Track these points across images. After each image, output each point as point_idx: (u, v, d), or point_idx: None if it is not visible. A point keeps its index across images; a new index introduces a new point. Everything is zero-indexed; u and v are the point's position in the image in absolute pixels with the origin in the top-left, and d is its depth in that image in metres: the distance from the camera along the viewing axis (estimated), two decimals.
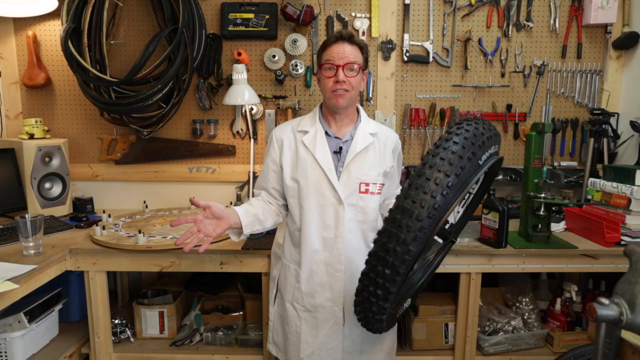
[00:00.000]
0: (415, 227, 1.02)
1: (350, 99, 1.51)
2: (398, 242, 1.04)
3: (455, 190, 1.04)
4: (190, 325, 2.16)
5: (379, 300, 1.13)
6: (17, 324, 1.79)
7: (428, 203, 1.02)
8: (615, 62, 2.43)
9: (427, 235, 1.04)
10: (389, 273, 1.07)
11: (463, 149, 1.06)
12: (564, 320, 2.13)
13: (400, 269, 1.05)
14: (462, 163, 1.04)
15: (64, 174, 2.33)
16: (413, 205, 1.03)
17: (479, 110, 2.47)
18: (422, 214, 1.02)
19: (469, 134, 1.09)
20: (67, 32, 2.13)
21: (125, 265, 1.87)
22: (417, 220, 1.02)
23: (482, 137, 1.11)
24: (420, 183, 1.04)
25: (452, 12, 2.40)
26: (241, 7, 2.34)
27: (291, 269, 1.60)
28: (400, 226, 1.04)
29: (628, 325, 0.88)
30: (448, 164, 1.03)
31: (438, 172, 1.03)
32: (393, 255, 1.05)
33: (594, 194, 2.04)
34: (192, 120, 2.49)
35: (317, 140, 1.54)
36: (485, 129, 1.15)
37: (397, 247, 1.04)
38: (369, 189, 1.52)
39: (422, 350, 2.06)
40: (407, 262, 1.05)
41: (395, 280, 1.07)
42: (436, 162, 1.05)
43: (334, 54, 1.48)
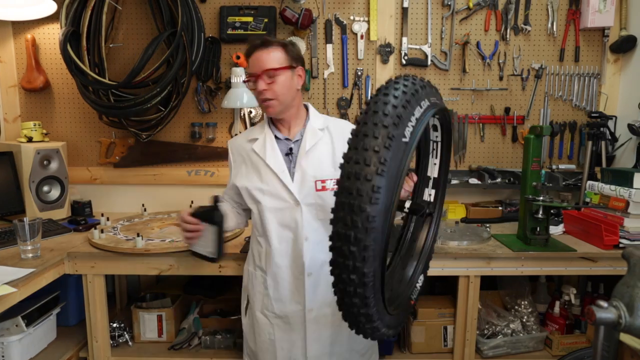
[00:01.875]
0: (367, 189, 0.90)
1: (282, 105, 1.49)
2: (353, 210, 0.92)
3: (397, 142, 0.94)
4: (188, 329, 2.15)
5: (357, 288, 1.00)
6: (15, 327, 1.78)
7: (373, 159, 0.91)
8: (612, 65, 2.44)
9: (384, 196, 0.91)
10: (355, 250, 0.94)
11: (395, 98, 0.98)
12: (562, 323, 2.12)
13: (367, 242, 0.92)
14: (397, 112, 0.96)
15: (62, 177, 2.32)
16: (357, 167, 0.92)
17: (477, 113, 2.48)
18: (370, 172, 0.91)
19: (399, 86, 1.01)
20: (66, 36, 2.14)
21: (123, 269, 1.87)
22: (366, 181, 0.90)
23: (414, 87, 1.03)
24: (359, 141, 0.94)
25: (450, 16, 2.41)
26: (240, 11, 2.35)
27: (258, 276, 1.59)
28: (350, 193, 0.92)
29: (626, 328, 0.88)
30: (383, 114, 0.95)
31: (374, 126, 0.94)
32: (353, 228, 0.93)
33: (592, 196, 2.05)
34: (191, 124, 2.49)
35: (266, 145, 1.53)
36: (416, 80, 1.07)
37: (354, 217, 0.92)
38: (325, 186, 1.48)
39: (420, 353, 2.05)
40: (371, 232, 0.91)
41: (366, 258, 0.94)
42: (370, 117, 0.96)
43: (251, 65, 1.48)
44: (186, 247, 1.82)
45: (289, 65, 1.48)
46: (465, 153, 2.51)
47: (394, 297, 1.27)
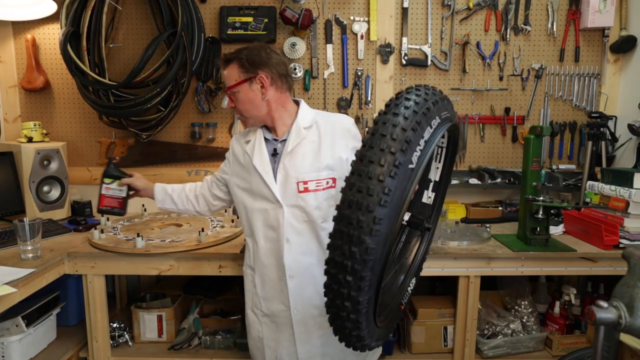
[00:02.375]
0: (369, 220, 0.88)
1: (251, 118, 1.51)
2: (352, 241, 0.90)
3: (405, 168, 0.90)
4: (188, 329, 2.15)
5: (350, 314, 0.97)
6: (15, 328, 1.78)
7: (376, 189, 0.88)
8: (612, 65, 2.44)
9: (385, 226, 0.89)
10: (351, 280, 0.92)
11: (405, 120, 0.93)
12: (562, 323, 2.12)
13: (364, 273, 0.91)
14: (406, 136, 0.91)
15: (62, 177, 2.32)
16: (359, 195, 0.89)
17: (477, 113, 2.48)
18: (372, 202, 0.88)
19: (410, 103, 0.96)
20: (66, 36, 2.14)
21: (123, 269, 1.87)
22: (368, 212, 0.88)
23: (426, 104, 0.98)
24: (364, 168, 0.90)
25: (450, 16, 2.41)
26: (240, 11, 2.35)
27: (248, 275, 1.62)
28: (350, 223, 0.90)
29: (627, 328, 0.88)
30: (391, 139, 0.90)
31: (381, 152, 0.90)
32: (351, 259, 0.90)
33: (592, 197, 2.05)
34: (191, 124, 2.49)
35: (255, 146, 1.54)
36: (429, 94, 1.02)
37: (352, 248, 0.90)
38: (307, 187, 1.46)
39: (421, 353, 2.05)
40: (369, 263, 0.90)
41: (362, 288, 0.92)
42: (377, 141, 0.92)
43: (226, 81, 1.51)
44: (187, 247, 1.82)
45: (244, 78, 1.45)
46: (466, 153, 2.51)
47: (383, 308, 1.23)
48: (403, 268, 1.38)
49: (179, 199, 1.77)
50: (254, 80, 1.46)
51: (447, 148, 1.37)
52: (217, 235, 1.94)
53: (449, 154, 1.38)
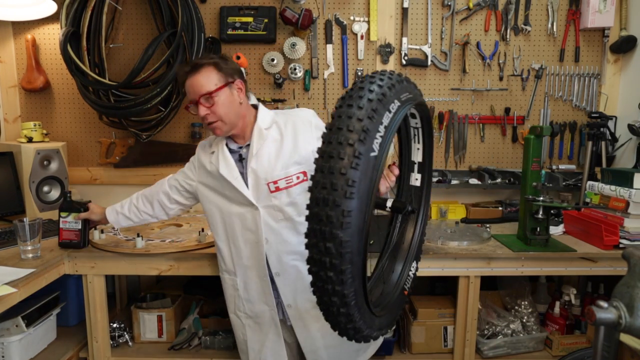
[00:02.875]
0: (337, 214, 0.88)
1: (228, 124, 1.48)
2: (325, 237, 0.90)
3: (367, 157, 0.91)
4: (188, 329, 2.15)
5: (340, 308, 0.97)
6: (15, 328, 1.78)
7: (340, 183, 0.88)
8: (612, 65, 2.44)
9: (356, 217, 0.89)
10: (332, 275, 0.92)
11: (360, 109, 0.93)
12: (562, 323, 2.12)
13: (343, 266, 0.91)
14: (363, 125, 0.91)
15: (62, 177, 2.32)
16: (325, 192, 0.89)
17: (477, 113, 2.48)
18: (338, 196, 0.88)
19: (364, 92, 0.96)
20: (66, 36, 2.14)
21: (123, 269, 1.87)
22: (335, 207, 0.88)
23: (382, 90, 0.98)
24: (325, 164, 0.91)
25: (450, 16, 2.41)
26: (240, 11, 2.35)
27: (227, 280, 1.63)
28: (321, 220, 0.90)
29: (627, 328, 0.88)
30: (347, 131, 0.91)
31: (340, 145, 0.90)
32: (328, 255, 0.90)
33: (593, 197, 2.05)
34: (191, 124, 2.48)
35: (219, 156, 1.53)
36: (384, 80, 1.01)
37: (327, 244, 0.90)
38: (278, 186, 1.46)
39: (421, 353, 2.05)
40: (346, 256, 0.90)
41: (344, 281, 0.92)
42: (334, 135, 0.92)
43: (187, 92, 1.46)
44: (187, 247, 1.82)
45: (224, 83, 1.45)
46: (466, 153, 2.51)
47: (384, 298, 1.24)
48: (400, 255, 1.38)
49: (130, 213, 1.76)
50: (232, 85, 1.47)
51: (422, 128, 1.36)
52: None
53: (425, 133, 1.38)
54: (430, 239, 1.96)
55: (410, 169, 1.44)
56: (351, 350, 1.60)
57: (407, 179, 1.44)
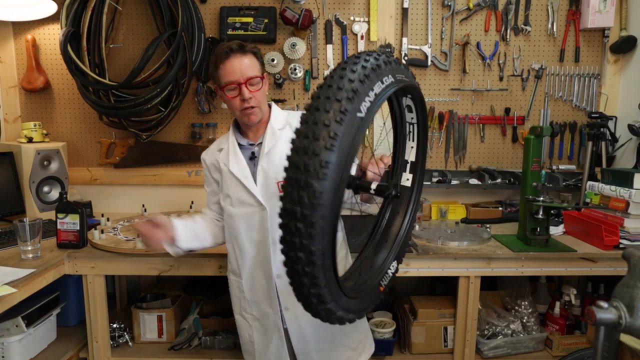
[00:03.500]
0: (315, 164, 0.88)
1: (261, 112, 1.50)
2: (300, 186, 0.89)
3: (352, 116, 0.92)
4: (188, 329, 2.15)
5: (305, 266, 0.95)
6: (15, 328, 1.78)
7: (322, 133, 0.89)
8: (612, 65, 2.44)
9: (333, 171, 0.88)
10: (302, 227, 0.90)
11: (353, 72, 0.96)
12: (563, 323, 2.12)
13: (314, 219, 0.89)
14: (353, 86, 0.94)
15: (62, 177, 2.32)
16: (306, 141, 0.90)
17: (477, 113, 2.48)
18: (318, 146, 0.88)
19: (359, 60, 0.99)
20: (67, 36, 2.14)
21: (123, 269, 1.87)
22: (314, 155, 0.88)
23: (377, 62, 1.01)
24: (310, 116, 0.93)
25: (450, 16, 2.41)
26: (240, 11, 2.35)
27: (233, 281, 1.63)
28: (298, 168, 0.89)
29: (627, 328, 0.88)
30: (337, 88, 0.93)
31: (327, 100, 0.93)
32: (300, 204, 0.89)
33: (593, 197, 2.05)
34: (191, 124, 2.49)
35: (229, 153, 1.53)
36: (380, 56, 1.04)
37: (301, 193, 0.89)
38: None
39: (421, 354, 2.05)
40: (317, 208, 0.89)
41: (313, 235, 0.90)
42: (324, 91, 0.95)
43: (232, 72, 1.42)
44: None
45: (262, 73, 1.49)
46: (466, 153, 2.51)
47: (361, 283, 1.24)
48: (384, 247, 1.38)
49: (202, 231, 1.62)
50: (265, 78, 1.51)
51: (418, 123, 1.36)
52: None
53: (420, 129, 1.38)
54: (431, 239, 1.96)
55: (403, 169, 1.44)
56: (343, 356, 1.59)
57: (399, 179, 1.45)
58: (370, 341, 1.71)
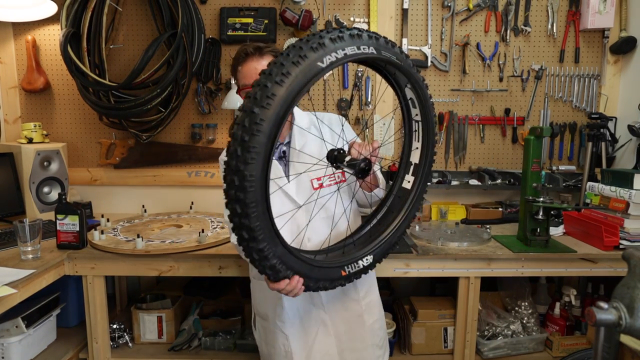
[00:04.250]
0: (263, 93, 0.98)
1: None
2: (246, 112, 0.98)
3: (309, 63, 1.01)
4: (188, 330, 2.15)
5: (237, 191, 1.00)
6: (15, 329, 1.78)
7: (275, 69, 1.00)
8: (612, 66, 2.44)
9: (276, 104, 0.98)
10: (239, 151, 0.98)
11: (328, 33, 1.06)
12: (563, 324, 2.12)
13: (251, 143, 0.97)
14: (322, 41, 1.04)
15: (62, 178, 2.32)
16: (263, 76, 1.01)
17: (477, 114, 2.48)
18: (269, 80, 0.99)
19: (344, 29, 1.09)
20: (67, 37, 2.14)
21: (123, 270, 1.87)
22: (264, 87, 0.99)
23: (360, 32, 1.10)
24: (276, 59, 1.02)
25: (450, 17, 2.41)
26: (240, 12, 2.35)
27: (265, 288, 1.49)
28: (249, 97, 0.99)
29: (627, 329, 0.88)
30: (306, 40, 1.03)
31: (293, 47, 1.03)
32: (242, 128, 0.98)
33: (593, 198, 2.05)
34: (191, 125, 2.49)
35: None
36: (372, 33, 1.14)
37: (245, 119, 0.98)
38: (322, 183, 1.46)
39: (421, 354, 2.05)
40: (256, 134, 0.97)
41: (247, 161, 0.98)
42: (299, 41, 1.05)
43: (249, 75, 1.42)
44: (187, 248, 1.82)
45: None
46: (465, 154, 2.51)
47: (327, 261, 1.30)
48: (365, 243, 1.42)
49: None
50: None
51: (422, 121, 1.36)
52: (217, 236, 1.94)
53: (425, 129, 1.38)
54: (431, 240, 1.96)
55: (406, 170, 1.44)
56: (374, 355, 1.57)
57: (401, 180, 1.45)
58: (387, 338, 1.70)
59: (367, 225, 1.47)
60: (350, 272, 1.35)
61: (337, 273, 1.32)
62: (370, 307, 1.57)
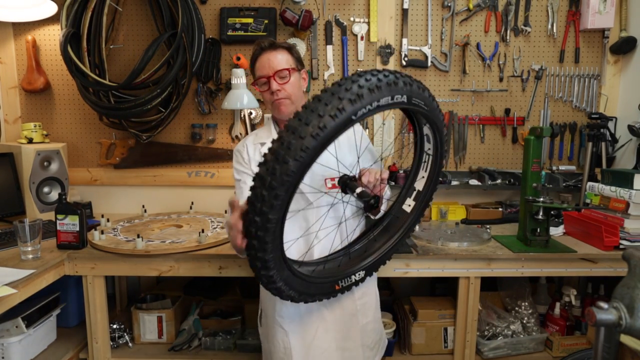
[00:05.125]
0: (298, 145, 0.98)
1: (293, 104, 1.51)
2: (278, 160, 0.99)
3: (344, 116, 1.01)
4: (188, 330, 2.15)
5: (258, 231, 1.05)
6: (15, 329, 1.78)
7: (314, 121, 0.99)
8: (612, 66, 2.44)
9: (309, 156, 1.00)
10: (266, 195, 1.00)
11: (367, 81, 1.04)
12: (563, 324, 2.12)
13: (279, 191, 1.00)
14: (360, 92, 1.03)
15: (62, 178, 2.32)
16: (298, 122, 1.00)
17: (477, 114, 2.48)
18: (305, 132, 0.98)
19: (381, 75, 1.07)
20: (67, 37, 2.14)
21: (123, 270, 1.87)
22: (300, 138, 0.98)
23: (396, 79, 1.08)
24: (314, 104, 1.02)
25: (450, 17, 2.41)
26: (240, 12, 2.35)
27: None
28: (282, 143, 1.00)
29: (627, 329, 0.88)
30: (345, 90, 1.02)
31: (332, 96, 1.02)
32: (271, 175, 0.99)
33: (593, 198, 2.05)
34: (191, 125, 2.49)
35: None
36: (405, 77, 1.12)
37: (276, 165, 0.99)
38: (335, 184, 1.46)
39: (421, 354, 2.05)
40: (285, 184, 0.99)
41: (274, 206, 1.01)
42: (336, 88, 1.04)
43: (260, 67, 1.51)
44: (187, 248, 1.82)
45: (295, 67, 1.53)
46: (465, 154, 2.51)
47: (323, 277, 1.35)
48: (360, 258, 1.46)
49: None
50: (300, 72, 1.56)
51: (434, 155, 1.39)
52: (217, 236, 1.94)
53: (434, 163, 1.40)
54: (431, 240, 1.96)
55: (409, 194, 1.47)
56: (364, 356, 1.58)
57: (402, 202, 1.49)
58: (383, 342, 1.71)
59: (364, 238, 1.51)
60: (343, 286, 1.41)
61: (331, 287, 1.39)
62: (365, 309, 1.57)
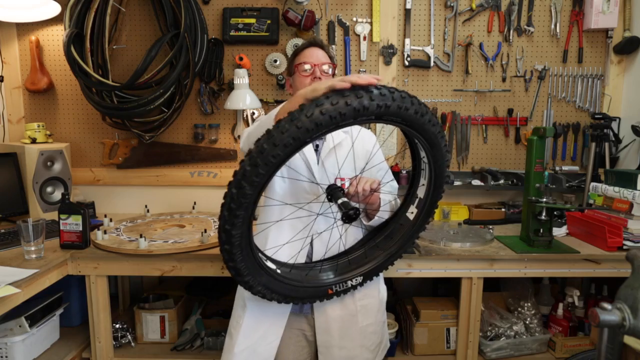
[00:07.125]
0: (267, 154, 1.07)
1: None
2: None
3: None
4: (191, 330, 2.15)
5: (229, 262, 1.16)
6: (18, 328, 1.79)
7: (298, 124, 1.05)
8: (616, 66, 2.43)
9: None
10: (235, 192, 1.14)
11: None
12: (566, 325, 2.12)
13: (238, 212, 1.14)
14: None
15: (65, 178, 2.33)
16: (277, 130, 1.07)
17: (480, 114, 2.47)
18: (282, 138, 1.06)
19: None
20: (70, 37, 2.14)
21: (126, 270, 1.87)
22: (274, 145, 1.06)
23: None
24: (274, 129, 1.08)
25: (453, 17, 2.41)
26: (243, 12, 2.35)
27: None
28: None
29: (630, 330, 0.88)
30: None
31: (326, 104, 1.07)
32: (230, 199, 1.13)
33: (596, 198, 2.04)
34: (194, 125, 2.49)
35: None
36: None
37: (233, 190, 1.13)
38: (344, 185, 1.48)
39: (423, 355, 2.05)
40: (244, 204, 1.13)
41: (236, 223, 1.14)
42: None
43: (309, 56, 1.57)
44: (189, 248, 1.82)
45: (334, 72, 1.62)
46: (468, 154, 2.51)
47: (314, 282, 1.40)
48: (359, 264, 1.48)
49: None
50: (335, 66, 1.64)
51: (429, 164, 1.39)
52: None
53: (432, 172, 1.40)
54: (433, 240, 1.96)
55: (412, 202, 1.49)
56: (361, 358, 1.57)
57: (406, 209, 1.50)
58: (385, 344, 1.70)
59: (366, 245, 1.51)
60: (338, 290, 1.43)
61: (323, 291, 1.41)
62: (366, 310, 1.56)
